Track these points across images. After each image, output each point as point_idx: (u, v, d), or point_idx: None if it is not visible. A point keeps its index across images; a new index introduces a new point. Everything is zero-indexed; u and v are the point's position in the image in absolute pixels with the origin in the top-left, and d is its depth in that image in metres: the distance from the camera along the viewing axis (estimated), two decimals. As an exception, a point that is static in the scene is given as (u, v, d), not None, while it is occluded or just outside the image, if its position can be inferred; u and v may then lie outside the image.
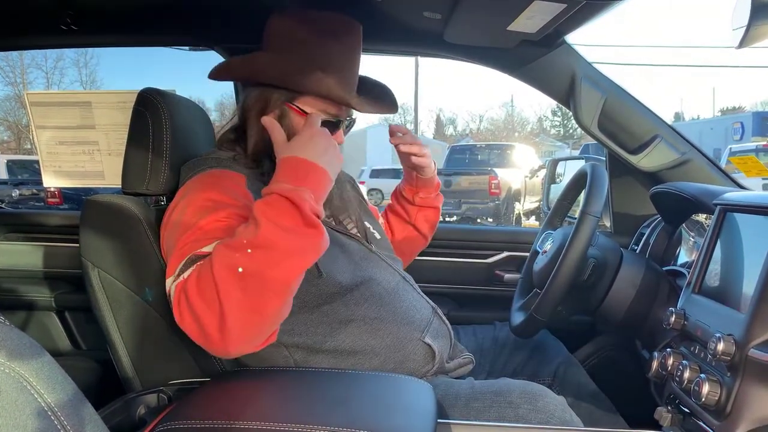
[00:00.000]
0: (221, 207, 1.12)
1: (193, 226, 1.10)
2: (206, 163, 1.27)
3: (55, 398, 0.61)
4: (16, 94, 26.37)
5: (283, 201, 1.00)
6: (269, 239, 0.97)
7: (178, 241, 1.09)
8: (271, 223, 0.97)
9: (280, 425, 0.88)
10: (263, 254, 0.96)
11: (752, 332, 0.89)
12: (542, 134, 47.93)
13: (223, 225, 1.09)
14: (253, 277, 0.95)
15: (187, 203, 1.16)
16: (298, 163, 1.08)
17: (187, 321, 0.99)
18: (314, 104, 1.27)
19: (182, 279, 1.02)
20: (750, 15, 1.04)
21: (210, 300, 0.95)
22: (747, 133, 19.68)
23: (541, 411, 1.13)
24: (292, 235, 0.98)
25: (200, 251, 1.04)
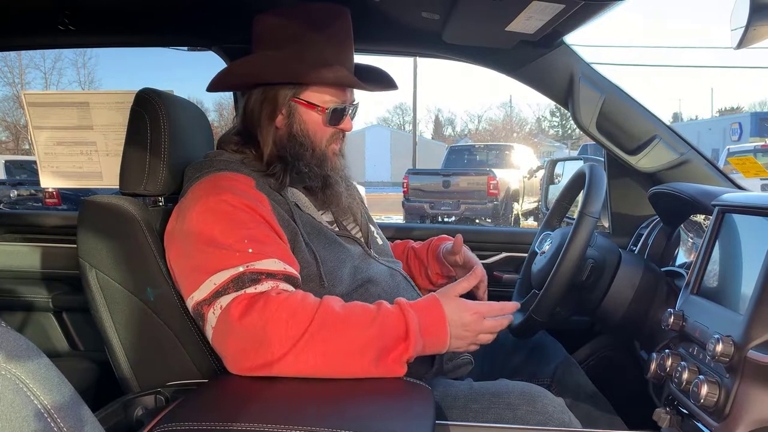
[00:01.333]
0: (243, 213, 1.15)
1: (222, 235, 1.12)
2: (214, 165, 1.28)
3: (51, 400, 0.60)
4: (14, 94, 26.35)
5: (400, 330, 1.07)
6: (375, 336, 1.06)
7: (209, 249, 1.12)
8: (381, 329, 1.07)
9: (278, 427, 0.88)
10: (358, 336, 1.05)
11: (751, 333, 0.88)
12: (541, 135, 48.02)
13: (260, 236, 1.14)
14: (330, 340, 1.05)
15: (204, 208, 1.16)
16: (441, 331, 1.11)
17: (244, 332, 1.04)
18: (319, 95, 1.29)
19: (245, 293, 1.07)
20: (749, 16, 1.04)
21: (293, 333, 1.03)
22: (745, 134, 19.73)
23: (539, 412, 1.13)
24: (379, 357, 1.06)
25: (255, 267, 1.09)
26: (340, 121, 1.33)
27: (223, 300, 1.07)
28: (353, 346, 1.05)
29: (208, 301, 1.09)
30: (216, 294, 1.08)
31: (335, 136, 1.34)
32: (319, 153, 1.32)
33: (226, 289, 1.08)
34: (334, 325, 1.06)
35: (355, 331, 1.06)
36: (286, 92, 1.29)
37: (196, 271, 1.12)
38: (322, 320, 1.05)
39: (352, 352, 1.05)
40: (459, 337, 1.13)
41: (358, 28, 1.39)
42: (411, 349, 1.07)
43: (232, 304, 1.06)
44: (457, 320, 1.12)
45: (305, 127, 1.30)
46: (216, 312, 1.08)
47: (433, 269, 1.59)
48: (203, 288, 1.10)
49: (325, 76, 1.27)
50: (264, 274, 1.10)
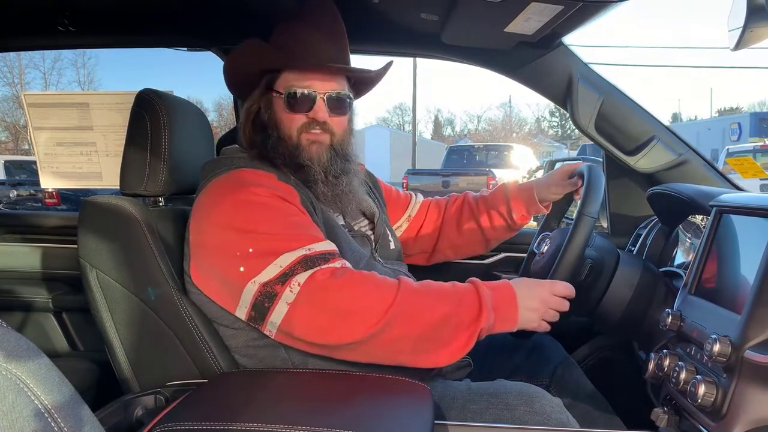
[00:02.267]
0: (279, 201, 1.19)
1: (268, 222, 1.16)
2: (234, 163, 1.30)
3: (52, 400, 0.61)
4: (14, 94, 26.32)
5: (476, 302, 1.14)
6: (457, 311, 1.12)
7: (258, 236, 1.14)
8: (459, 303, 1.14)
9: (277, 427, 0.88)
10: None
11: (748, 333, 0.89)
12: (540, 135, 47.98)
13: (306, 222, 1.20)
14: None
15: (235, 202, 1.18)
16: (510, 299, 1.18)
17: (332, 300, 1.10)
18: (286, 82, 1.30)
19: (321, 269, 1.11)
20: (746, 17, 1.04)
21: (382, 304, 1.09)
22: (744, 134, 19.73)
23: (537, 413, 1.13)
24: (457, 326, 1.12)
25: (317, 249, 1.14)
26: (306, 107, 1.30)
27: (299, 278, 1.10)
28: (435, 316, 1.11)
29: (280, 281, 1.11)
30: (285, 275, 1.11)
31: (309, 125, 1.31)
32: (289, 142, 1.30)
33: (294, 270, 1.11)
34: (416, 298, 1.12)
35: (436, 303, 1.13)
36: (262, 84, 1.32)
37: (252, 257, 1.13)
38: (404, 294, 1.12)
39: (434, 325, 1.11)
40: (530, 309, 1.19)
41: (357, 29, 1.39)
42: (483, 322, 1.13)
43: (317, 275, 1.10)
44: (527, 294, 1.19)
45: (273, 115, 1.32)
46: (294, 289, 1.10)
47: (519, 212, 1.65)
48: (268, 270, 1.12)
49: (283, 60, 1.30)
50: (328, 254, 1.15)
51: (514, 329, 1.19)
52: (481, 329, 1.13)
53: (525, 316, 1.18)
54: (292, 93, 1.29)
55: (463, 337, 1.12)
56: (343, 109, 1.34)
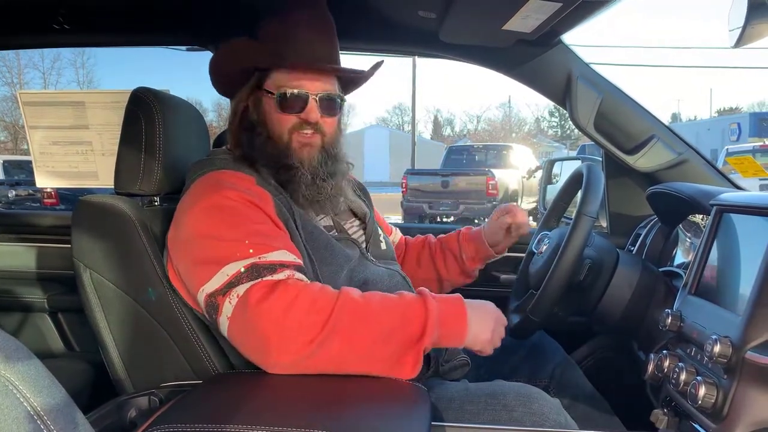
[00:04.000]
0: (247, 207, 1.16)
1: (229, 228, 1.13)
2: (216, 164, 1.28)
3: (41, 402, 0.60)
4: (13, 94, 26.34)
5: (418, 325, 1.09)
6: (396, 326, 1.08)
7: (216, 242, 1.12)
8: (403, 317, 1.09)
9: (272, 428, 0.87)
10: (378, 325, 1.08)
11: (749, 334, 0.88)
12: (540, 135, 48.03)
13: (266, 229, 1.16)
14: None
15: (207, 205, 1.17)
16: (460, 319, 1.15)
17: (266, 317, 1.04)
18: (277, 82, 1.29)
19: (263, 281, 1.07)
20: (746, 14, 1.03)
21: (317, 318, 1.04)
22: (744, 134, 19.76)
23: (535, 414, 1.12)
24: (402, 344, 1.08)
25: (267, 259, 1.10)
26: (298, 108, 1.28)
27: (239, 289, 1.07)
28: (377, 332, 1.07)
29: (222, 291, 1.09)
30: (229, 285, 1.08)
31: (300, 125, 1.29)
32: (279, 142, 1.29)
33: (240, 279, 1.08)
34: (356, 311, 1.07)
35: (378, 317, 1.08)
36: (251, 83, 1.31)
37: (206, 263, 1.12)
38: (342, 307, 1.06)
39: (375, 339, 1.07)
40: (476, 334, 1.16)
41: (355, 28, 1.39)
42: (427, 340, 1.09)
43: (251, 291, 1.06)
44: (479, 316, 1.17)
45: (262, 116, 1.30)
46: (233, 301, 1.07)
47: (468, 253, 1.64)
48: (215, 280, 1.09)
49: (271, 59, 1.28)
50: (278, 264, 1.11)
51: (460, 346, 1.17)
52: (425, 347, 1.10)
53: (469, 339, 1.16)
54: (283, 93, 1.27)
55: (410, 355, 1.09)
56: (334, 109, 1.33)
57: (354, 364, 1.07)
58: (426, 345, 1.09)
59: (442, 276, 1.67)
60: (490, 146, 15.01)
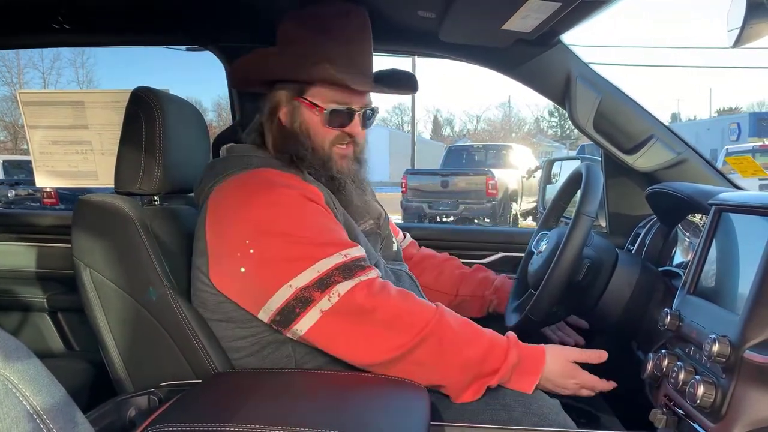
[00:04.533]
0: (311, 204, 1.18)
1: (303, 226, 1.15)
2: (253, 162, 1.28)
3: (41, 401, 0.60)
4: (12, 94, 26.33)
5: (500, 360, 1.14)
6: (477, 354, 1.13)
7: (293, 240, 1.13)
8: (484, 355, 1.13)
9: (271, 427, 0.87)
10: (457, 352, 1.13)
11: (747, 334, 0.88)
12: (539, 135, 48.01)
13: (334, 225, 1.19)
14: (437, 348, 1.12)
15: (268, 201, 1.17)
16: (535, 371, 1.18)
17: (374, 317, 1.10)
18: (323, 95, 1.28)
19: (362, 281, 1.11)
20: (745, 13, 1.04)
21: (415, 327, 1.10)
22: (744, 134, 19.77)
23: (535, 413, 1.12)
24: (475, 376, 1.13)
25: (353, 254, 1.14)
26: (344, 123, 1.30)
27: (339, 288, 1.10)
28: (458, 360, 1.12)
29: (318, 287, 1.10)
30: (321, 281, 1.10)
31: (341, 138, 1.32)
32: (321, 153, 1.30)
33: (332, 276, 1.10)
34: (449, 332, 1.13)
35: (464, 346, 1.13)
36: (290, 90, 1.30)
37: (288, 261, 1.12)
38: (438, 323, 1.12)
39: (453, 365, 1.12)
40: (545, 386, 1.21)
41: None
42: (495, 381, 1.14)
43: (356, 290, 1.10)
44: (553, 377, 1.20)
45: (305, 127, 1.30)
46: (332, 298, 1.10)
47: (496, 308, 1.65)
48: (305, 275, 1.11)
49: (322, 74, 1.25)
50: (363, 260, 1.16)
51: (528, 392, 1.19)
52: (490, 384, 1.14)
53: (542, 387, 1.20)
54: (336, 111, 1.28)
55: (475, 386, 1.14)
56: (371, 121, 1.37)
57: (428, 377, 1.13)
58: (492, 384, 1.14)
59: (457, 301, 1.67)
60: (489, 146, 15.02)
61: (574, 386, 1.22)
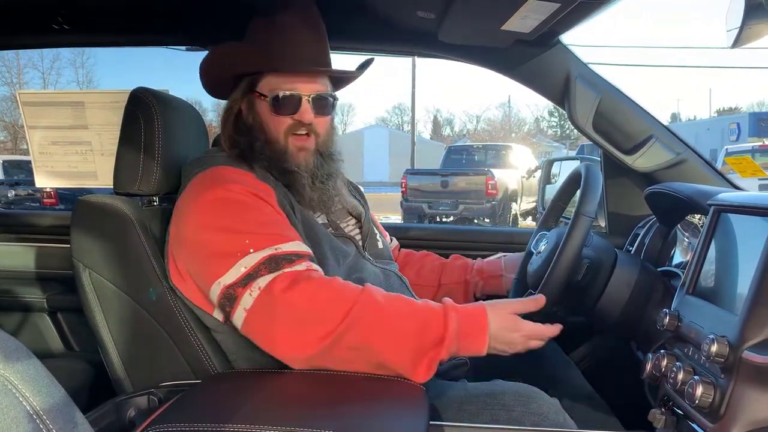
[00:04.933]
0: (254, 199, 1.17)
1: (240, 220, 1.14)
2: (215, 161, 1.29)
3: (41, 402, 0.60)
4: (12, 94, 26.33)
5: (440, 328, 1.09)
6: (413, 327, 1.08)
7: (229, 235, 1.13)
8: (422, 326, 1.09)
9: (270, 428, 0.87)
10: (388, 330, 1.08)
11: (746, 334, 0.88)
12: (539, 135, 47.98)
13: (278, 220, 1.17)
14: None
15: (211, 198, 1.17)
16: (480, 333, 1.13)
17: (287, 310, 1.07)
18: (269, 85, 1.29)
19: (284, 273, 1.08)
20: (744, 14, 1.04)
21: (337, 312, 1.05)
22: (743, 134, 19.77)
23: (534, 413, 1.12)
24: (418, 349, 1.08)
25: (283, 249, 1.11)
26: (292, 110, 1.29)
27: (260, 281, 1.08)
28: (393, 336, 1.07)
29: (241, 284, 1.09)
30: (248, 277, 1.09)
31: (295, 127, 1.30)
32: (277, 146, 1.30)
33: (259, 272, 1.09)
34: (377, 311, 1.08)
35: (397, 321, 1.08)
36: (244, 87, 1.32)
37: (220, 256, 1.12)
38: (365, 303, 1.07)
39: (390, 342, 1.07)
40: (494, 348, 1.16)
41: (353, 28, 1.39)
42: (444, 353, 1.09)
43: (275, 282, 1.08)
44: (499, 333, 1.15)
45: (257, 118, 1.31)
46: (253, 293, 1.08)
47: (484, 289, 1.65)
48: (232, 272, 1.10)
49: (253, 63, 1.28)
50: (294, 255, 1.12)
51: (479, 355, 1.16)
52: (441, 358, 1.10)
53: (489, 350, 1.16)
54: (277, 96, 1.28)
55: (424, 363, 1.09)
56: (327, 109, 1.34)
57: (366, 358, 1.08)
58: (443, 357, 1.10)
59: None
60: (489, 146, 15.03)
61: (522, 339, 1.17)
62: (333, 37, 1.39)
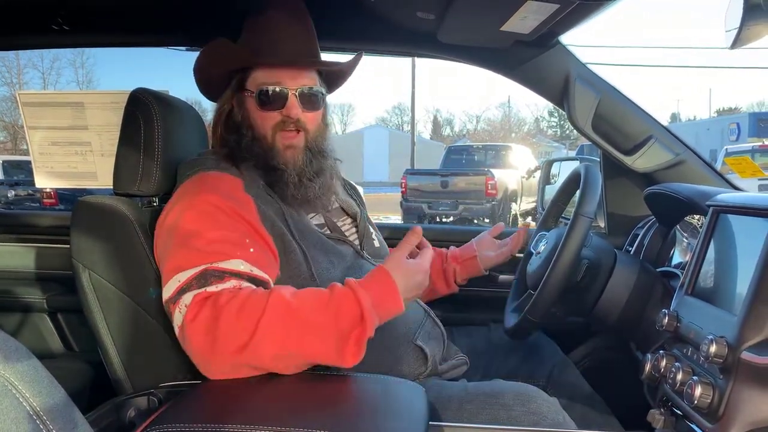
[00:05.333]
0: (224, 214, 1.15)
1: (197, 235, 1.12)
2: (205, 164, 1.28)
3: (41, 402, 0.60)
4: (12, 94, 26.34)
5: (355, 308, 1.06)
6: (328, 322, 1.05)
7: (181, 247, 1.12)
8: (336, 313, 1.05)
9: (270, 429, 0.88)
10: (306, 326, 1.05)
11: (745, 334, 0.88)
12: (539, 135, 47.99)
13: (233, 238, 1.14)
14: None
15: (186, 206, 1.17)
16: (392, 293, 1.11)
17: (197, 331, 1.04)
18: (255, 81, 1.29)
19: (206, 291, 1.07)
20: (743, 15, 1.04)
21: (246, 324, 1.03)
22: (743, 134, 19.76)
23: (534, 412, 1.13)
24: (340, 336, 1.05)
25: (218, 266, 1.09)
26: (278, 105, 1.28)
27: (186, 297, 1.08)
28: (310, 331, 1.04)
29: (173, 300, 1.09)
30: (180, 291, 1.09)
31: (283, 123, 1.29)
32: (264, 143, 1.29)
33: (190, 287, 1.08)
34: (288, 312, 1.05)
35: (311, 316, 1.05)
36: (233, 84, 1.32)
37: (167, 269, 1.13)
38: (274, 309, 1.04)
39: (309, 338, 1.04)
40: (412, 294, 1.17)
41: (353, 28, 1.39)
42: (369, 330, 1.06)
43: (192, 303, 1.06)
44: (407, 284, 1.14)
45: (245, 114, 1.31)
46: (182, 311, 1.08)
47: (461, 274, 1.70)
48: (169, 286, 1.11)
49: (239, 59, 1.29)
50: (227, 273, 1.09)
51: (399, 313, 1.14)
52: (368, 336, 1.07)
53: (407, 300, 1.15)
54: (263, 91, 1.28)
55: (349, 346, 1.05)
56: (315, 104, 1.33)
57: (291, 361, 1.07)
58: (369, 334, 1.06)
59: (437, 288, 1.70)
60: (489, 146, 15.01)
61: (424, 276, 1.18)
62: (332, 38, 1.39)
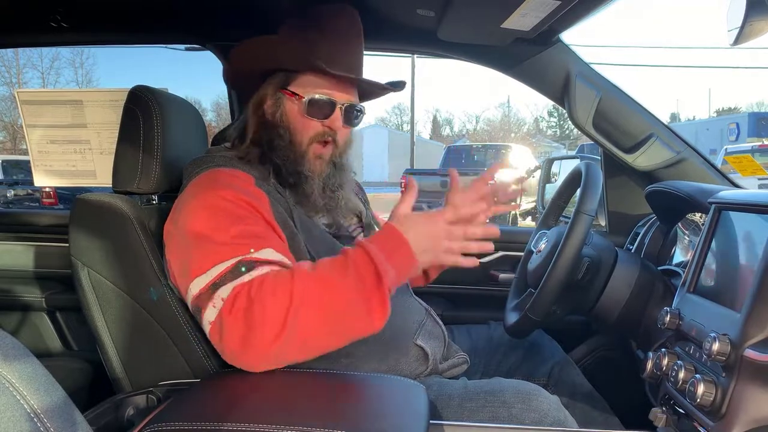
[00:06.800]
0: (242, 209, 1.14)
1: (219, 230, 1.11)
2: (214, 161, 1.27)
3: (39, 401, 0.60)
4: (11, 94, 26.34)
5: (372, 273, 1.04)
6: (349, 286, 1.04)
7: (205, 244, 1.10)
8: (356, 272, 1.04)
9: (270, 427, 0.87)
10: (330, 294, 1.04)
11: (747, 332, 0.88)
12: (539, 135, 48.04)
13: (257, 231, 1.13)
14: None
15: (201, 203, 1.15)
16: (401, 245, 1.09)
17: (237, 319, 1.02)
18: (305, 86, 1.28)
19: (242, 282, 1.05)
20: (745, 11, 1.03)
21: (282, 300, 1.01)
22: (743, 134, 19.75)
23: (534, 410, 1.12)
24: (365, 297, 1.04)
25: (252, 257, 1.08)
26: (324, 114, 1.28)
27: (222, 291, 1.05)
28: (340, 295, 1.04)
29: (207, 294, 1.07)
30: (214, 286, 1.06)
31: (321, 134, 1.29)
32: (297, 149, 1.28)
33: (224, 281, 1.06)
34: (316, 283, 1.04)
35: (338, 281, 1.05)
36: (276, 82, 1.29)
37: (194, 266, 1.10)
38: (301, 282, 1.04)
39: (341, 302, 1.04)
40: (426, 250, 1.12)
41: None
42: (386, 286, 1.05)
43: (229, 295, 1.05)
44: (418, 236, 1.11)
45: (286, 117, 1.29)
46: (217, 305, 1.05)
47: None
48: (197, 282, 1.08)
49: (300, 60, 1.26)
50: (259, 263, 1.08)
51: (418, 273, 1.11)
52: (389, 289, 1.06)
53: (423, 258, 1.12)
54: (314, 99, 1.27)
55: (375, 303, 1.04)
56: (356, 120, 1.34)
57: (329, 331, 1.05)
58: (390, 287, 1.06)
59: None
60: (489, 146, 15.03)
61: (457, 243, 1.13)
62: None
